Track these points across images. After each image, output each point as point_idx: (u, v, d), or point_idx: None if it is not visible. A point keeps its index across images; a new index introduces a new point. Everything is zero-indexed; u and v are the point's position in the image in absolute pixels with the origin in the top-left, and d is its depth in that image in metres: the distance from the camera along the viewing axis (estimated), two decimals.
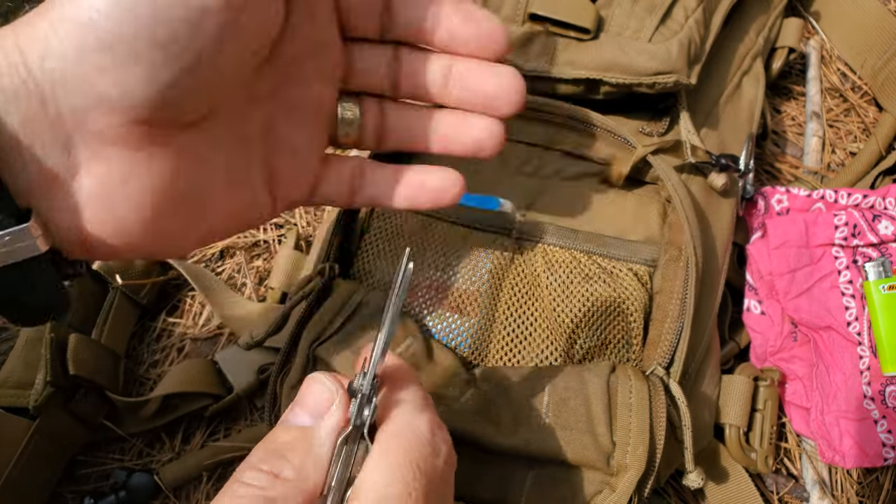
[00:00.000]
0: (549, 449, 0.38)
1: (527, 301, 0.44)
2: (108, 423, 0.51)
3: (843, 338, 0.51)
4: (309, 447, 0.25)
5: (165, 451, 0.53)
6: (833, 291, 0.52)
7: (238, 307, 0.55)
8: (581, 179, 0.49)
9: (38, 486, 0.48)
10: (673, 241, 0.45)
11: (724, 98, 0.55)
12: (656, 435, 0.38)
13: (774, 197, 0.55)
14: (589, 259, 0.45)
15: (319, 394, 0.26)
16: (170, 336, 0.57)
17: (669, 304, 0.43)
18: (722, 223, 0.50)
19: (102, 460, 0.52)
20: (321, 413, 0.26)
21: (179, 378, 0.51)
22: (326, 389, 0.26)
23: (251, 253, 0.60)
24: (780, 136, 0.66)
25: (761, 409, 0.50)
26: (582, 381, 0.39)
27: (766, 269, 0.53)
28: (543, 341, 0.43)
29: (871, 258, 0.52)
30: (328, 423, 0.25)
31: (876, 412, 0.49)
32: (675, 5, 0.48)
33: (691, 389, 0.46)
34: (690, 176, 0.49)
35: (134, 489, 0.49)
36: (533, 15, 0.46)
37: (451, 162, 0.36)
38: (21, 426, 0.47)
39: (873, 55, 0.66)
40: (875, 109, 0.67)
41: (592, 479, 0.39)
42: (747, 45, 0.58)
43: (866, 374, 0.50)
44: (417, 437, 0.25)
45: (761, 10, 0.61)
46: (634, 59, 0.45)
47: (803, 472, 0.53)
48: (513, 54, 0.47)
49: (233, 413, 0.54)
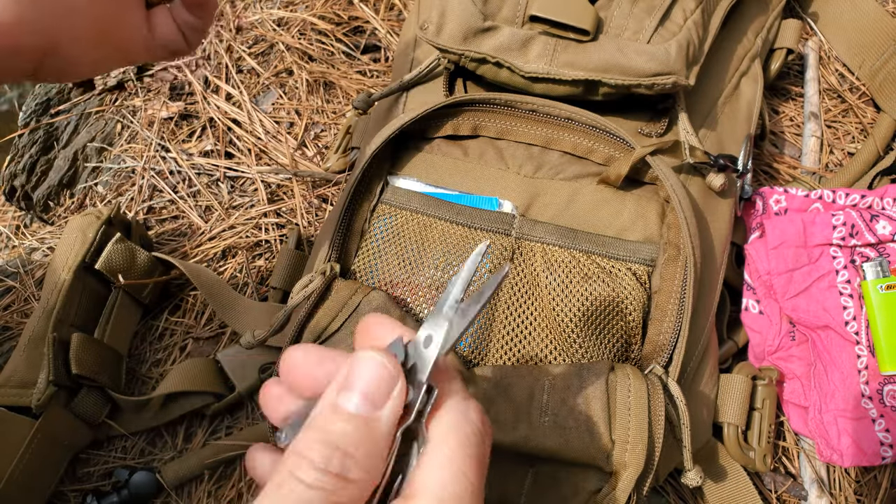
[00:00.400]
0: (548, 447, 0.38)
1: (526, 300, 0.45)
2: (110, 422, 0.52)
3: (841, 337, 0.51)
4: (374, 442, 0.22)
5: (167, 450, 0.53)
6: (831, 291, 0.52)
7: (240, 307, 0.55)
8: (580, 180, 0.49)
9: (40, 484, 0.49)
10: (671, 241, 0.45)
11: (722, 99, 0.55)
12: (655, 433, 0.38)
13: (773, 197, 0.56)
14: (588, 259, 0.46)
15: (378, 376, 0.23)
16: (172, 335, 0.57)
17: (668, 303, 0.44)
18: (720, 223, 0.50)
19: (104, 459, 0.53)
20: (381, 400, 0.23)
21: (181, 377, 0.51)
22: (387, 372, 0.23)
23: (253, 253, 0.61)
24: (779, 137, 0.66)
25: (759, 408, 0.50)
26: (581, 380, 0.39)
27: (764, 269, 0.53)
28: (543, 340, 0.44)
29: (868, 258, 0.52)
30: (390, 413, 0.23)
31: (874, 411, 0.50)
32: (673, 7, 0.48)
33: (690, 388, 0.47)
34: (689, 176, 0.49)
35: (136, 487, 0.49)
36: (533, 16, 0.47)
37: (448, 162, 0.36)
38: (23, 425, 0.47)
39: (871, 56, 0.66)
40: (873, 110, 0.67)
41: (591, 478, 0.39)
42: (746, 46, 0.59)
43: (864, 374, 0.50)
44: (472, 427, 0.24)
45: (760, 12, 0.61)
46: (633, 61, 0.45)
47: (801, 471, 0.53)
48: (513, 55, 0.47)
49: (234, 412, 0.55)
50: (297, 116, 0.68)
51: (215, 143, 0.66)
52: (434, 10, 0.48)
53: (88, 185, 0.66)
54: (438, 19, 0.47)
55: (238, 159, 0.65)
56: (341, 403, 0.23)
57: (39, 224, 0.66)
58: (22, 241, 0.64)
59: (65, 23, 0.33)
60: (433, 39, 0.48)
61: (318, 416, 0.23)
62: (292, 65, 0.70)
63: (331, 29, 0.72)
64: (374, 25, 0.72)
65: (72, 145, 0.69)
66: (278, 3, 0.74)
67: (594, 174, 0.49)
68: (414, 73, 0.54)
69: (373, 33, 0.73)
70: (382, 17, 0.73)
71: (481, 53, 0.47)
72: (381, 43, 0.72)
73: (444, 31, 0.47)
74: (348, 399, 0.23)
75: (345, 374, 0.23)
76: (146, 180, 0.64)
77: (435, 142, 0.50)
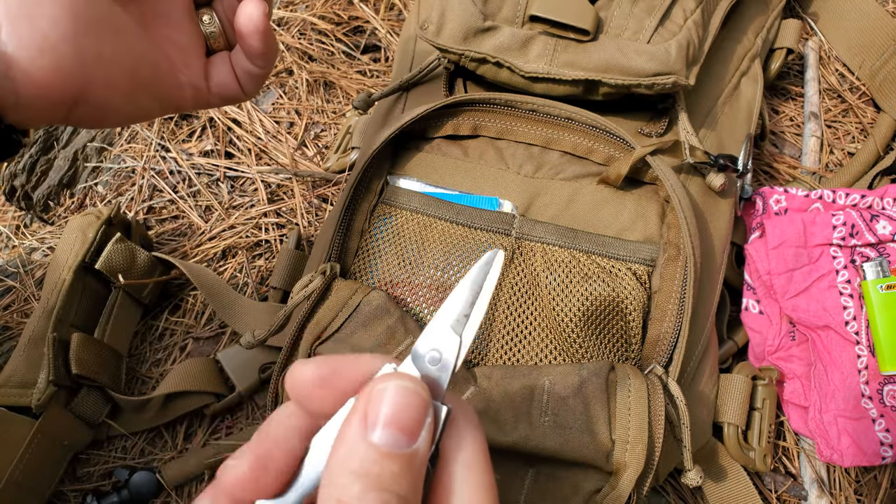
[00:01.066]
0: (548, 447, 0.38)
1: (526, 300, 0.45)
2: (110, 422, 0.52)
3: (842, 337, 0.51)
4: (419, 476, 0.21)
5: (167, 450, 0.53)
6: (831, 291, 0.52)
7: (239, 306, 0.55)
8: (580, 180, 0.49)
9: (40, 484, 0.49)
10: (671, 241, 0.45)
11: (722, 99, 0.55)
12: (655, 433, 0.38)
13: (773, 197, 0.56)
14: (588, 259, 0.46)
15: (418, 409, 0.22)
16: (172, 335, 0.57)
17: (668, 303, 0.44)
18: (720, 223, 0.50)
19: (104, 459, 0.53)
20: (417, 431, 0.21)
21: (181, 377, 0.51)
22: (420, 399, 0.22)
23: (253, 253, 0.61)
24: (779, 137, 0.66)
25: (759, 408, 0.50)
26: (581, 379, 0.39)
27: (764, 269, 0.53)
28: (543, 340, 0.44)
29: (868, 258, 0.52)
30: (425, 444, 0.22)
31: (874, 411, 0.50)
32: (673, 6, 0.48)
33: (690, 388, 0.47)
34: (689, 176, 0.49)
35: (136, 487, 0.49)
36: (533, 16, 0.47)
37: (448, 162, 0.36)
38: (24, 425, 0.47)
39: (871, 56, 0.66)
40: (873, 110, 0.67)
41: (591, 477, 0.39)
42: (746, 45, 0.59)
43: (864, 374, 0.50)
44: (487, 453, 0.23)
45: (760, 12, 0.61)
46: (633, 61, 0.45)
47: (801, 471, 0.53)
48: (513, 55, 0.47)
49: (234, 412, 0.55)
50: (297, 116, 0.68)
51: (215, 142, 0.66)
52: (434, 9, 0.48)
53: (88, 185, 0.66)
54: (438, 19, 0.47)
55: (238, 159, 0.65)
56: (390, 443, 0.21)
57: (39, 224, 0.66)
58: (22, 240, 0.64)
59: (99, 73, 0.32)
60: (433, 39, 0.48)
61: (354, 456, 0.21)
62: (292, 65, 0.70)
63: (331, 29, 0.72)
64: (374, 25, 0.72)
65: (72, 145, 0.69)
66: (278, 2, 0.74)
67: (594, 174, 0.49)
68: (414, 73, 0.54)
69: (373, 33, 0.73)
70: (382, 17, 0.73)
71: (481, 53, 0.47)
72: (381, 43, 0.72)
73: (445, 30, 0.47)
74: (394, 437, 0.21)
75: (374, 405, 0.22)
76: (146, 180, 0.64)
77: (435, 142, 0.50)
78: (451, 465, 0.22)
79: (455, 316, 0.25)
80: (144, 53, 0.35)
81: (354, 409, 0.22)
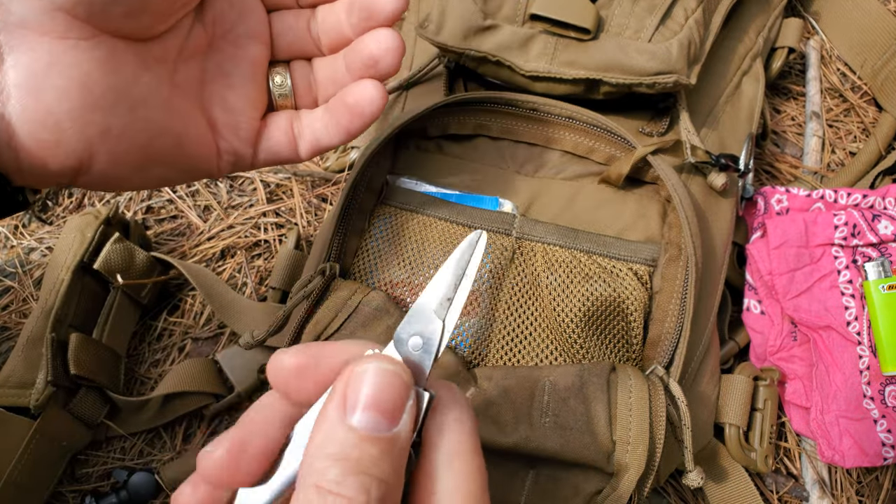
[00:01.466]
0: (549, 448, 0.38)
1: (527, 300, 0.45)
2: (108, 423, 0.52)
3: (843, 337, 0.51)
4: (401, 461, 0.21)
5: (166, 451, 0.53)
6: (833, 291, 0.52)
7: (238, 307, 0.55)
8: (581, 179, 0.49)
9: (38, 485, 0.49)
10: (673, 241, 0.45)
11: (723, 98, 0.55)
12: (656, 434, 0.38)
13: (774, 197, 0.55)
14: (589, 259, 0.45)
15: (391, 386, 0.21)
16: (171, 335, 0.57)
17: (669, 303, 0.43)
18: (722, 223, 0.50)
19: (103, 459, 0.52)
20: (399, 414, 0.21)
21: (180, 377, 0.51)
22: (401, 381, 0.21)
23: (252, 253, 0.61)
24: (780, 136, 0.66)
25: (761, 409, 0.50)
26: (582, 380, 0.39)
27: (765, 269, 0.53)
28: (543, 341, 0.44)
29: (870, 258, 0.52)
30: (407, 427, 0.21)
31: (875, 412, 0.49)
32: (674, 5, 0.48)
33: (691, 389, 0.46)
34: (690, 176, 0.49)
35: (135, 488, 0.49)
36: (533, 15, 0.46)
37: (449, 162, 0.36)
38: (22, 426, 0.47)
39: (873, 55, 0.66)
40: (875, 109, 0.67)
41: (592, 478, 0.39)
42: (747, 45, 0.58)
43: (866, 374, 0.50)
44: (475, 439, 0.23)
45: (761, 10, 0.61)
46: (634, 60, 0.45)
47: (803, 472, 0.53)
48: (513, 54, 0.47)
49: (234, 412, 0.54)
50: None
51: None
52: (434, 8, 0.47)
53: None
54: (439, 17, 0.47)
55: None
56: (370, 426, 0.20)
57: (38, 224, 0.66)
58: (20, 240, 0.63)
59: (102, 148, 0.30)
60: (433, 38, 0.47)
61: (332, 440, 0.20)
62: None
63: None
64: None
65: None
66: None
67: (595, 174, 0.49)
68: (414, 73, 0.54)
69: None
70: None
71: (482, 52, 0.47)
72: None
73: (445, 29, 0.47)
74: (375, 419, 0.21)
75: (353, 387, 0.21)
76: None
77: (435, 141, 0.50)
78: (434, 451, 0.22)
79: (438, 300, 0.24)
80: (166, 126, 0.32)
81: (333, 392, 0.22)
